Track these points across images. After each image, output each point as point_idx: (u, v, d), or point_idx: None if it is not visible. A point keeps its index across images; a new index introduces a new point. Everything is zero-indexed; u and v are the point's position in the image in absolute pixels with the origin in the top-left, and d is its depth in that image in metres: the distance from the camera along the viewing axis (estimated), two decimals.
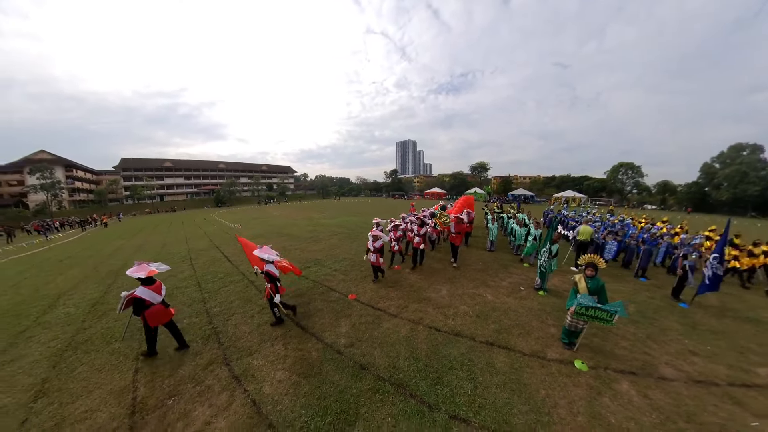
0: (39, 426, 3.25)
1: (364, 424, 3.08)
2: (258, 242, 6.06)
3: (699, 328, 5.08)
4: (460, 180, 64.85)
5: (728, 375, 3.88)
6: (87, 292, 7.81)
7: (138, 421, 3.26)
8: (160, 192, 64.29)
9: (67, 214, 41.04)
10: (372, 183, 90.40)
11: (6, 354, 4.85)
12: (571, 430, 2.99)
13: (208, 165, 75.07)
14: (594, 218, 13.48)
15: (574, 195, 42.53)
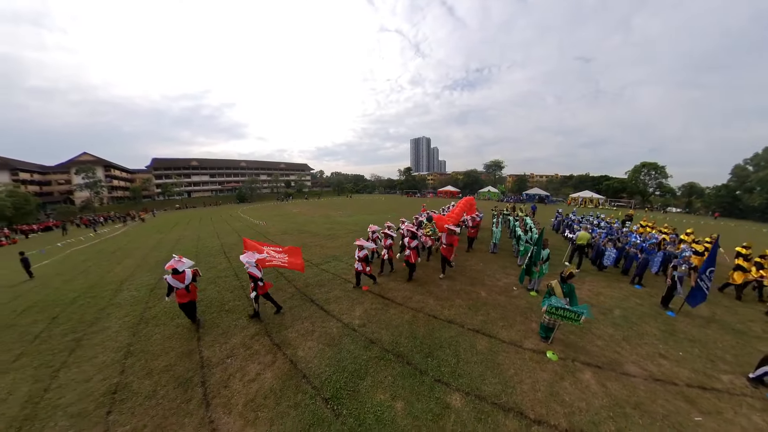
0: (133, 375, 4.42)
1: (371, 379, 4.06)
2: (284, 238, 7.04)
3: (678, 335, 5.22)
4: (473, 178, 63.84)
5: (689, 377, 4.10)
6: (143, 279, 9.24)
7: (207, 372, 4.37)
8: (187, 189, 68.20)
9: (107, 210, 44.78)
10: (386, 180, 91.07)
11: (95, 326, 6.16)
12: (529, 401, 3.65)
13: (231, 163, 78.56)
14: (601, 223, 13.38)
15: (591, 196, 40.57)
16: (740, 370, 4.27)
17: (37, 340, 5.63)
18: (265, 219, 24.56)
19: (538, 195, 45.97)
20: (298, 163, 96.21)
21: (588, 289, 7.36)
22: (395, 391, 3.82)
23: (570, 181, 58.09)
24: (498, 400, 3.67)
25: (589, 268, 9.06)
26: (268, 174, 79.59)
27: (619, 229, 11.68)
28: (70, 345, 5.37)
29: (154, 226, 26.06)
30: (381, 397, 3.73)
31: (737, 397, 3.77)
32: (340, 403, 3.65)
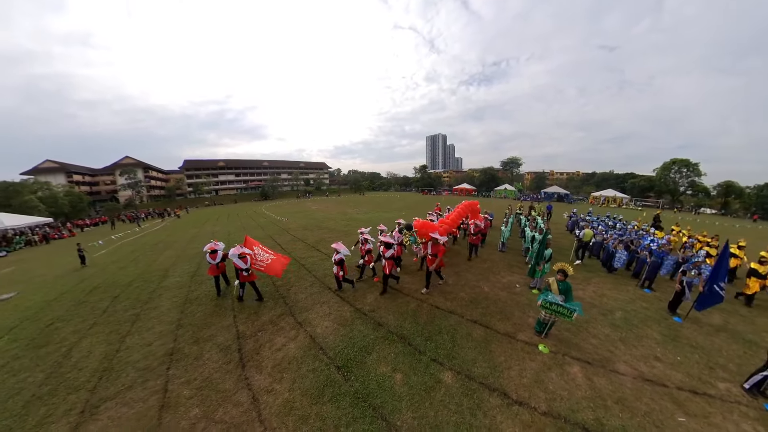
0: (184, 342, 5.27)
1: (376, 355, 4.64)
2: (305, 234, 7.72)
3: (680, 340, 5.07)
4: (490, 176, 62.05)
5: (681, 381, 4.03)
6: (184, 267, 10.38)
7: (242, 342, 5.15)
8: (215, 187, 72.09)
9: (147, 207, 48.60)
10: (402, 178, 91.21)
11: (149, 304, 7.20)
12: (513, 384, 3.93)
13: (254, 163, 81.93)
14: (617, 224, 12.89)
15: (615, 195, 37.75)
16: (740, 379, 4.07)
17: (105, 314, 6.72)
18: (286, 215, 25.82)
19: (557, 193, 43.44)
20: (316, 162, 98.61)
21: (593, 290, 7.26)
22: (396, 366, 4.35)
23: (592, 179, 55.06)
24: (485, 380, 4.01)
25: (598, 270, 8.94)
26: (288, 172, 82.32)
27: (637, 231, 11.27)
28: (131, 318, 6.40)
29: (188, 221, 28.17)
30: (383, 369, 4.29)
31: (730, 404, 3.67)
32: (349, 371, 4.26)
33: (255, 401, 3.79)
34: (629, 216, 20.46)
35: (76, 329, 6.06)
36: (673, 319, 5.86)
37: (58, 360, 4.95)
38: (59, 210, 31.65)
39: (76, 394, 4.10)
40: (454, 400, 3.68)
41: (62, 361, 4.92)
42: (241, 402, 3.79)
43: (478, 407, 3.57)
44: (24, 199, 26.84)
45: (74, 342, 5.52)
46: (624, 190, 42.24)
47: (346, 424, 3.38)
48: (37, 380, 4.46)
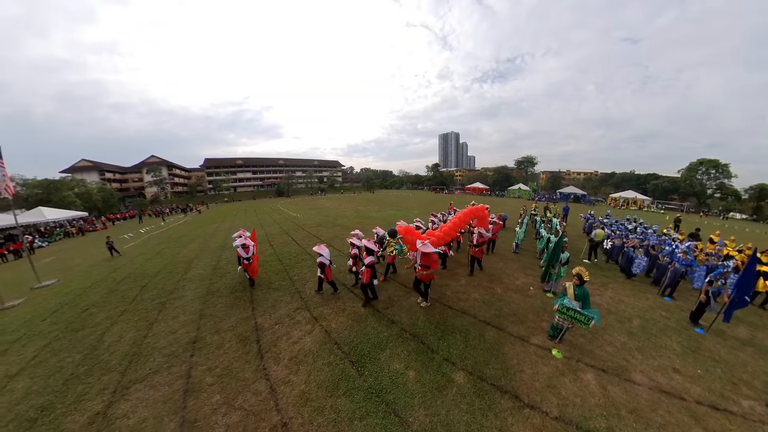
0: (206, 331, 5.46)
1: (390, 351, 4.64)
2: (319, 230, 7.78)
3: (701, 353, 4.76)
4: (503, 175, 60.54)
5: (701, 396, 3.80)
6: (206, 260, 10.76)
7: (260, 334, 5.28)
8: (233, 184, 74.41)
9: (170, 203, 50.78)
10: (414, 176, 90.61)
11: (174, 294, 7.51)
12: (525, 388, 3.84)
13: (270, 161, 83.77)
14: (637, 228, 12.20)
15: (635, 196, 35.56)
16: (766, 398, 3.81)
17: (134, 302, 7.08)
18: (301, 212, 26.25)
19: (573, 194, 41.76)
20: (330, 160, 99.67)
21: (610, 296, 6.94)
22: (409, 363, 4.33)
23: (611, 180, 52.39)
24: (497, 382, 3.95)
25: (616, 275, 8.52)
26: (303, 170, 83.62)
27: (659, 236, 10.61)
28: (157, 306, 6.71)
29: (209, 217, 29.21)
30: (397, 366, 4.28)
31: (753, 422, 3.43)
32: (363, 366, 4.28)
33: (273, 391, 3.88)
34: (650, 219, 19.49)
35: (108, 315, 6.42)
36: (695, 330, 5.49)
37: (93, 343, 5.27)
38: (93, 205, 33.63)
39: (109, 375, 4.34)
40: (465, 400, 3.64)
41: (97, 344, 5.23)
42: (259, 391, 3.89)
43: (490, 408, 3.53)
44: (63, 195, 28.68)
45: (107, 327, 5.86)
46: (645, 192, 39.88)
47: (359, 417, 3.41)
48: (75, 360, 4.76)
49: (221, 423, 3.41)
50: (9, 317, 6.87)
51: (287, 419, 3.43)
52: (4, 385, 4.30)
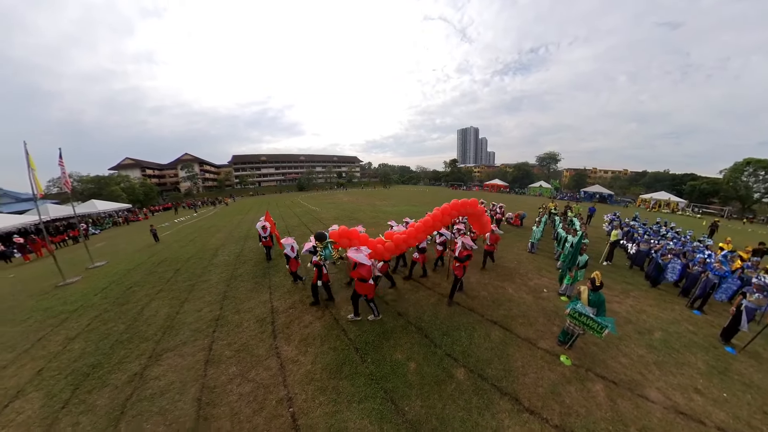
0: (228, 311, 5.95)
1: (393, 342, 4.78)
2: (335, 223, 7.94)
3: (730, 375, 4.23)
4: (524, 172, 57.40)
5: (725, 422, 3.40)
6: (231, 248, 11.52)
7: (275, 316, 5.68)
8: (258, 179, 77.62)
9: (202, 196, 54.14)
10: (431, 172, 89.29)
11: (202, 277, 8.17)
12: (527, 392, 3.70)
13: (292, 158, 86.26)
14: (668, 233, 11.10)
15: (668, 198, 31.70)
16: None
17: (169, 283, 7.82)
18: (320, 206, 26.99)
19: (598, 194, 38.45)
20: (348, 156, 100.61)
21: (631, 304, 6.37)
22: (411, 355, 4.42)
23: (642, 179, 47.53)
24: (498, 383, 3.87)
25: (640, 282, 7.81)
26: (322, 166, 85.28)
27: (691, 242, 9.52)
28: (188, 287, 7.38)
29: (235, 209, 30.86)
30: (399, 356, 4.40)
31: None
32: (367, 353, 4.48)
33: (282, 368, 4.22)
34: (685, 224, 17.54)
35: (147, 293, 7.17)
36: (725, 349, 4.88)
37: (134, 316, 5.96)
38: (136, 198, 36.68)
39: (146, 343, 4.93)
40: (463, 397, 3.63)
41: (137, 316, 5.91)
42: (270, 367, 4.25)
43: (487, 408, 3.48)
44: (111, 189, 31.63)
45: (146, 303, 6.57)
46: (680, 194, 35.35)
47: (358, 400, 3.60)
48: (119, 329, 5.44)
49: (235, 392, 3.80)
50: (70, 291, 7.89)
51: (292, 394, 3.73)
52: (65, 346, 5.03)
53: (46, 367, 4.57)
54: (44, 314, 6.56)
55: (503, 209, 13.17)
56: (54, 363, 4.65)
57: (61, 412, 3.67)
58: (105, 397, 3.86)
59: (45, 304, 7.15)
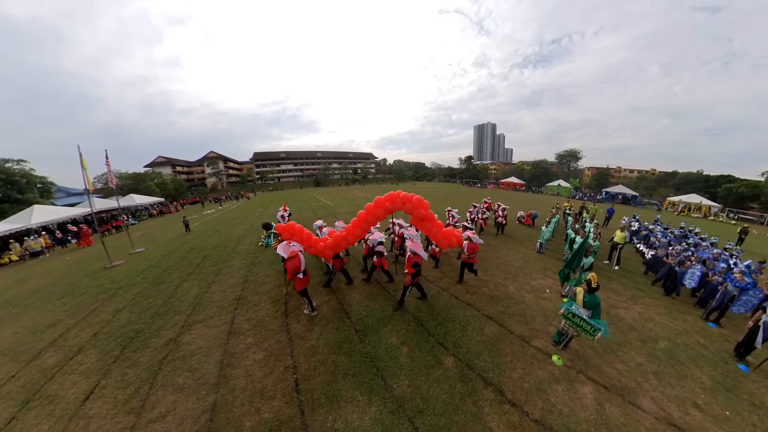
0: (248, 292, 6.62)
1: (390, 327, 5.13)
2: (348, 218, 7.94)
3: (737, 393, 3.88)
4: (542, 170, 54.13)
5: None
6: (252, 238, 12.39)
7: (288, 299, 6.26)
8: (278, 175, 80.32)
9: (226, 191, 57.03)
10: (446, 169, 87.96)
11: (227, 263, 8.98)
12: (512, 386, 3.74)
13: (309, 154, 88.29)
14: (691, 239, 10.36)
15: (700, 201, 28.26)
16: None
17: (198, 267, 8.69)
18: (334, 201, 27.77)
19: (621, 194, 35.47)
20: (363, 153, 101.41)
21: (638, 311, 5.95)
22: (405, 340, 4.71)
23: (671, 180, 43.22)
24: (484, 374, 3.95)
25: (651, 289, 7.23)
26: (338, 162, 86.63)
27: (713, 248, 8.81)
28: (214, 272, 8.19)
29: (257, 203, 32.41)
30: (394, 340, 4.72)
31: None
32: (365, 335, 4.90)
33: (290, 342, 4.77)
34: (715, 230, 15.36)
35: (180, 275, 8.06)
36: (738, 366, 4.46)
37: (170, 293, 6.80)
38: (167, 192, 39.36)
39: (179, 316, 5.69)
40: (448, 382, 3.81)
41: (172, 294, 6.75)
42: (281, 340, 4.82)
43: (470, 395, 3.61)
44: (146, 185, 34.28)
45: (179, 283, 7.43)
46: (714, 197, 31.72)
47: (352, 374, 4.02)
48: (157, 304, 6.27)
49: (251, 358, 4.39)
50: (116, 272, 8.99)
51: (297, 363, 4.26)
52: (114, 315, 5.92)
53: (100, 331, 5.43)
54: (97, 290, 7.60)
55: (506, 212, 12.24)
56: (106, 328, 5.51)
57: (112, 366, 4.45)
58: (146, 356, 4.60)
59: (97, 282, 8.24)
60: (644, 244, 9.87)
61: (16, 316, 6.64)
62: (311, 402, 3.60)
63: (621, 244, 8.54)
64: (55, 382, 4.25)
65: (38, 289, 8.43)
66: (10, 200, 19.58)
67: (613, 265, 8.58)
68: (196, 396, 3.77)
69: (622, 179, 51.85)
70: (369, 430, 3.21)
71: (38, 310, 6.82)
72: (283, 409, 3.50)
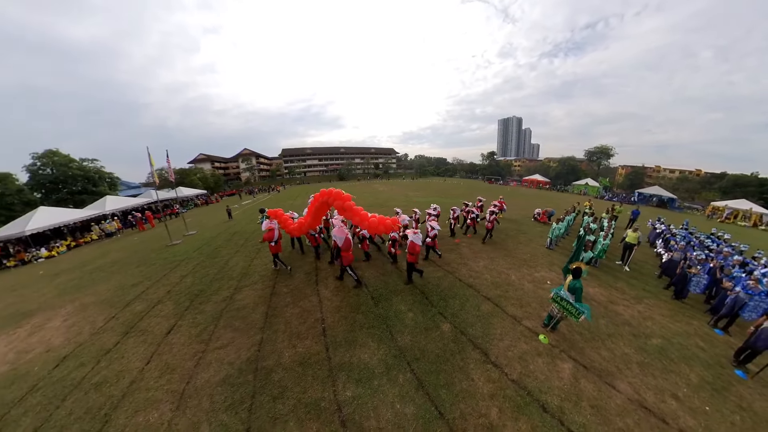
0: None
1: (400, 298, 5.92)
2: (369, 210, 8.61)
3: (725, 394, 3.76)
4: (569, 167, 49.71)
5: (691, 429, 3.22)
6: None
7: (318, 272, 7.27)
8: (304, 170, 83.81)
9: (258, 185, 60.91)
10: (468, 164, 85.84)
11: (264, 244, 10.22)
12: (498, 352, 4.23)
13: (333, 150, 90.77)
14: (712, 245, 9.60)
15: (750, 208, 24.06)
16: None
17: (242, 247, 10.09)
18: (357, 194, 28.74)
19: (657, 196, 30.94)
20: (385, 148, 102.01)
21: (639, 310, 5.82)
22: (411, 308, 5.50)
23: (718, 182, 37.55)
24: (475, 340, 4.52)
25: (660, 292, 6.89)
26: (361, 158, 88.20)
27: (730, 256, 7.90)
28: (255, 250, 9.53)
29: (285, 196, 34.56)
30: (402, 307, 5.53)
31: None
32: (379, 301, 5.76)
33: (320, 302, 5.76)
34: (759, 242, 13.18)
35: (228, 252, 9.50)
36: (735, 371, 4.23)
37: (222, 265, 8.16)
38: (208, 185, 43.18)
39: (231, 281, 6.97)
40: (443, 342, 4.48)
41: (224, 266, 8.11)
42: (312, 300, 5.82)
43: (459, 353, 4.21)
44: (191, 179, 37.98)
45: (228, 258, 8.81)
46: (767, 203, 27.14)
47: (367, 327, 4.92)
48: (213, 272, 7.64)
49: (288, 312, 5.44)
50: (176, 249, 10.68)
51: (324, 317, 5.23)
52: (181, 279, 7.34)
53: (172, 290, 6.82)
54: (164, 261, 9.19)
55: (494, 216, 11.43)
56: (176, 288, 6.91)
57: (184, 313, 5.72)
58: (209, 307, 5.83)
59: (163, 256, 9.90)
60: (664, 248, 9.31)
61: (106, 278, 8.36)
62: (334, 343, 4.53)
63: (634, 244, 8.20)
64: (144, 321, 5.60)
65: (118, 260, 10.31)
66: (87, 192, 23.01)
67: (624, 266, 8.27)
68: (248, 335, 4.86)
69: (660, 179, 46.64)
70: (376, 366, 4.05)
71: (122, 274, 8.50)
72: (313, 347, 4.47)
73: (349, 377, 3.88)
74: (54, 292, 7.89)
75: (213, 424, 3.33)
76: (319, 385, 3.78)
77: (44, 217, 14.08)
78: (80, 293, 7.45)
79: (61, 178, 22.21)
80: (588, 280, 6.71)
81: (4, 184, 17.64)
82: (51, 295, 7.63)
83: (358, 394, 3.61)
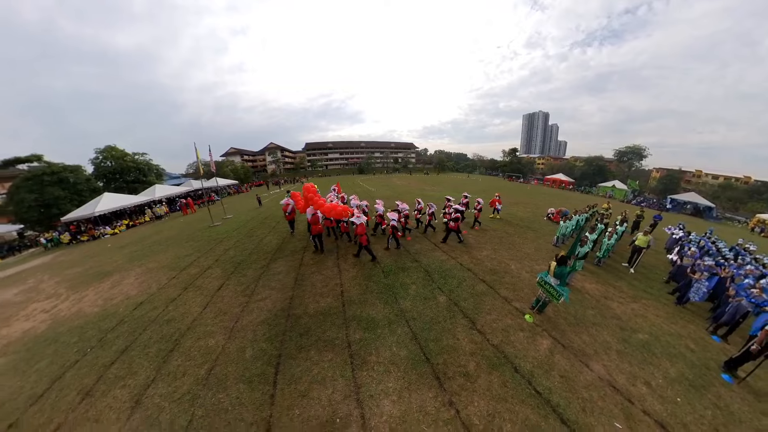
0: (309, 249, 8.75)
1: (407, 274, 6.74)
2: (386, 202, 9.77)
3: (702, 392, 3.68)
4: (596, 167, 45.57)
5: (656, 412, 3.31)
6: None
7: (339, 251, 8.22)
8: (326, 163, 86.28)
9: (283, 177, 63.99)
10: (488, 161, 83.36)
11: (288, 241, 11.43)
12: (483, 322, 4.82)
13: (353, 144, 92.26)
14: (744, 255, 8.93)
15: None
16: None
17: (274, 228, 11.44)
18: (375, 187, 29.83)
19: (692, 204, 27.07)
20: (405, 142, 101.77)
21: (632, 308, 5.71)
22: (414, 281, 6.37)
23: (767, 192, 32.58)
24: (465, 311, 5.17)
25: (662, 295, 6.61)
26: (380, 152, 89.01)
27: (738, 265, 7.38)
28: (286, 231, 10.75)
29: None
30: (406, 280, 6.40)
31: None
32: (388, 275, 6.64)
33: (340, 272, 6.80)
34: None
35: (262, 232, 10.87)
36: (722, 375, 4.06)
37: (257, 243, 9.45)
38: (238, 177, 46.27)
39: (267, 254, 8.22)
40: (438, 309, 5.28)
41: (259, 243, 9.40)
42: (333, 270, 6.90)
43: (450, 319, 4.97)
44: (224, 171, 41.06)
45: (262, 237, 10.12)
46: None
47: (377, 292, 5.86)
48: (251, 247, 8.95)
49: (314, 278, 6.52)
50: (218, 230, 12.24)
51: (342, 283, 6.25)
52: (224, 252, 8.73)
53: (218, 259, 8.15)
54: (208, 239, 10.67)
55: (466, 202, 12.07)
56: (222, 258, 8.25)
57: (230, 275, 6.98)
58: (250, 272, 7.07)
59: (207, 234, 11.44)
60: (677, 254, 8.83)
61: (163, 250, 9.95)
62: (349, 302, 5.53)
63: (643, 248, 7.90)
64: (198, 281, 6.91)
65: (170, 237, 12.02)
66: (139, 181, 25.95)
67: (630, 268, 8.04)
68: (282, 292, 5.98)
69: (699, 185, 40.28)
70: (381, 320, 4.97)
71: (176, 247, 10.05)
72: (332, 303, 5.50)
73: (358, 325, 4.84)
74: (124, 259, 9.60)
75: (255, 349, 4.41)
76: (336, 329, 4.77)
77: (109, 202, 16.61)
78: (145, 260, 9.05)
79: (119, 169, 25.24)
80: (587, 277, 6.98)
81: (76, 175, 20.50)
82: (122, 261, 9.33)
83: (364, 337, 4.55)
